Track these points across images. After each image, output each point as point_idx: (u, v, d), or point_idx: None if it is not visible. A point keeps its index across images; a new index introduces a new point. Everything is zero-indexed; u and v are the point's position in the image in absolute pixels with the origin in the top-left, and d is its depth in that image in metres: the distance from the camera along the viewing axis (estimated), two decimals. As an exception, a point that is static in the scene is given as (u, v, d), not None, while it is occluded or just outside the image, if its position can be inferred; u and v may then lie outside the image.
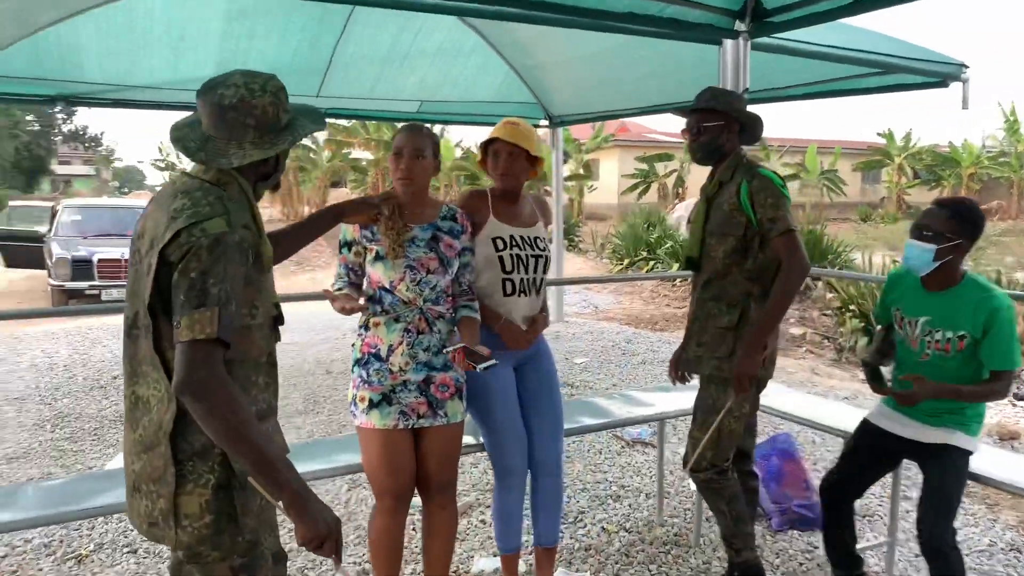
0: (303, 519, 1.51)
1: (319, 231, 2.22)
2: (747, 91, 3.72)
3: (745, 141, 2.74)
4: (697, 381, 2.86)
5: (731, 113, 2.66)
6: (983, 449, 2.83)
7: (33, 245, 12.46)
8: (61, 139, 54.35)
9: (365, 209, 2.37)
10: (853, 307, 8.55)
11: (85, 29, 5.03)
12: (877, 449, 2.74)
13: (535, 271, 2.69)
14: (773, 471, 3.63)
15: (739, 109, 2.68)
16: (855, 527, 2.83)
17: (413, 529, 3.37)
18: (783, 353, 7.77)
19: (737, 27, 3.64)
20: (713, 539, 3.36)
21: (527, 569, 3.06)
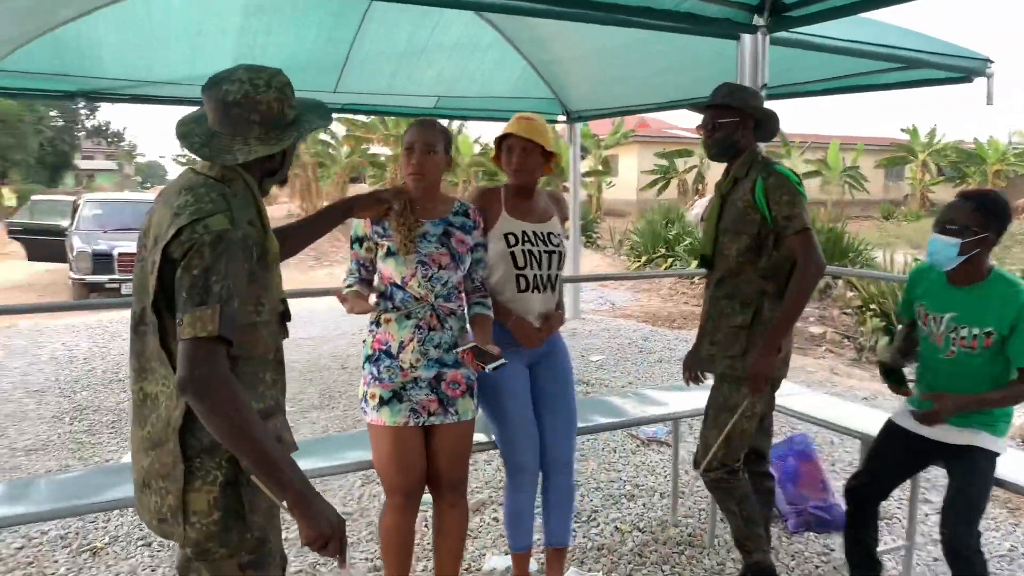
0: (307, 519, 1.50)
1: (329, 226, 2.21)
2: (765, 87, 3.67)
3: (761, 138, 2.70)
4: (711, 380, 2.82)
5: (746, 110, 2.62)
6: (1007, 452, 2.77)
7: (55, 239, 12.57)
8: (84, 134, 55.07)
9: (376, 203, 2.36)
10: (874, 306, 8.45)
11: (104, 25, 5.05)
12: (902, 450, 2.67)
13: (548, 267, 2.67)
14: (789, 472, 3.59)
15: (754, 106, 2.64)
16: (878, 530, 2.78)
17: (426, 526, 3.36)
18: (802, 352, 7.69)
19: (755, 21, 3.59)
20: (727, 540, 3.32)
21: (539, 568, 3.04)
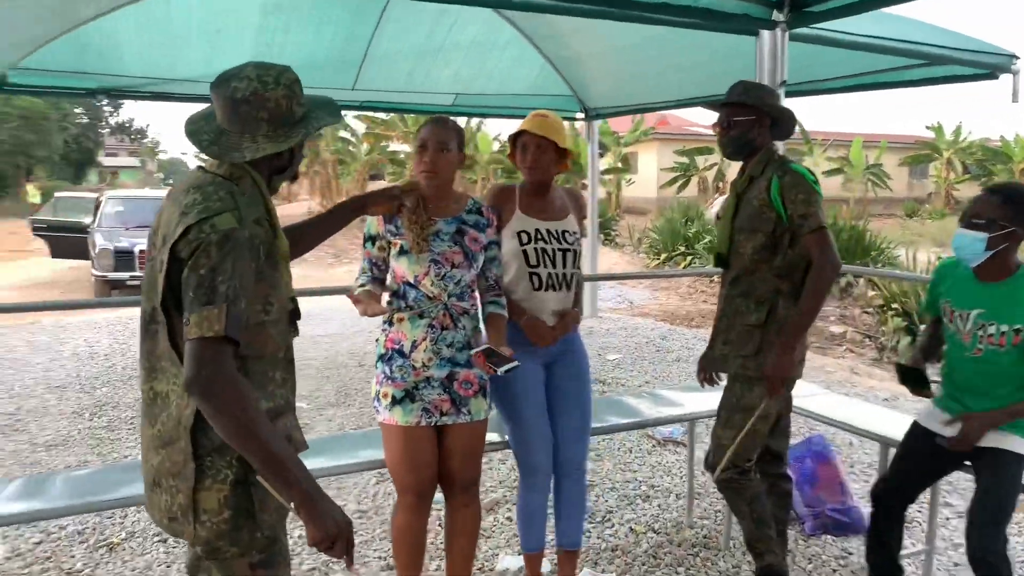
0: (313, 519, 1.49)
1: (341, 223, 2.21)
2: (785, 83, 3.61)
3: (777, 136, 2.67)
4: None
5: (762, 107, 2.59)
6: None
7: (78, 236, 12.69)
8: (108, 131, 55.70)
9: (388, 200, 2.34)
10: (896, 305, 8.34)
11: (125, 23, 5.10)
12: (929, 453, 2.59)
13: (563, 265, 2.64)
14: (807, 474, 3.54)
15: (770, 103, 2.61)
16: (903, 535, 2.72)
17: (439, 525, 3.36)
18: (821, 352, 7.61)
19: (775, 17, 3.52)
20: (743, 543, 3.29)
21: (552, 569, 3.01)
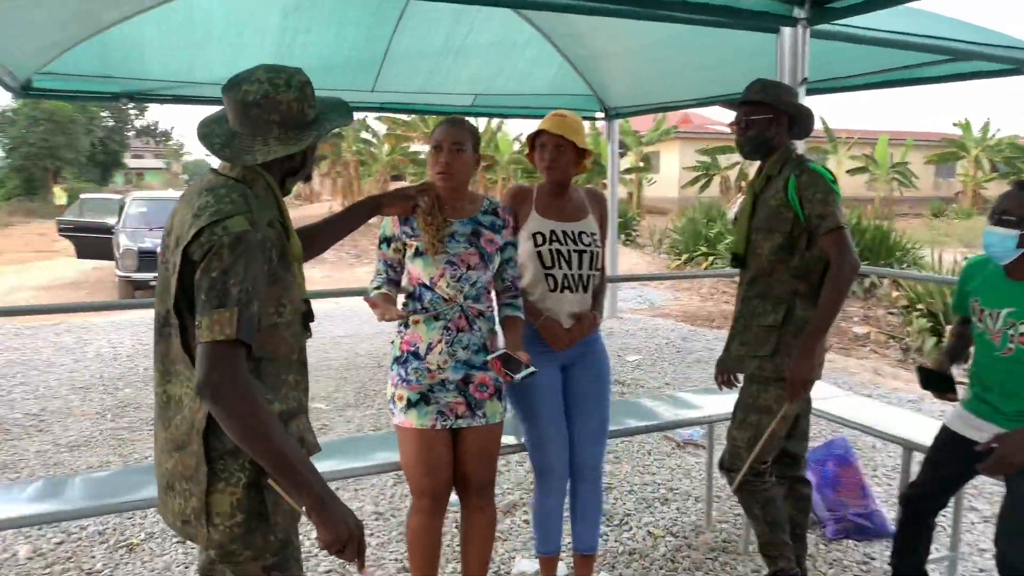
0: (324, 522, 1.49)
1: (356, 223, 2.20)
2: (806, 81, 3.57)
3: (795, 135, 2.62)
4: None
5: (780, 106, 2.54)
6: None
7: (103, 237, 12.85)
8: (134, 134, 56.33)
9: (402, 200, 2.33)
10: (921, 306, 8.22)
11: (147, 27, 5.15)
12: (960, 458, 2.50)
13: (580, 267, 2.61)
14: (828, 477, 3.49)
15: (788, 102, 2.56)
16: (932, 541, 2.66)
17: (455, 527, 3.35)
18: (845, 353, 7.52)
19: (795, 14, 3.48)
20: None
21: (568, 572, 3.00)
